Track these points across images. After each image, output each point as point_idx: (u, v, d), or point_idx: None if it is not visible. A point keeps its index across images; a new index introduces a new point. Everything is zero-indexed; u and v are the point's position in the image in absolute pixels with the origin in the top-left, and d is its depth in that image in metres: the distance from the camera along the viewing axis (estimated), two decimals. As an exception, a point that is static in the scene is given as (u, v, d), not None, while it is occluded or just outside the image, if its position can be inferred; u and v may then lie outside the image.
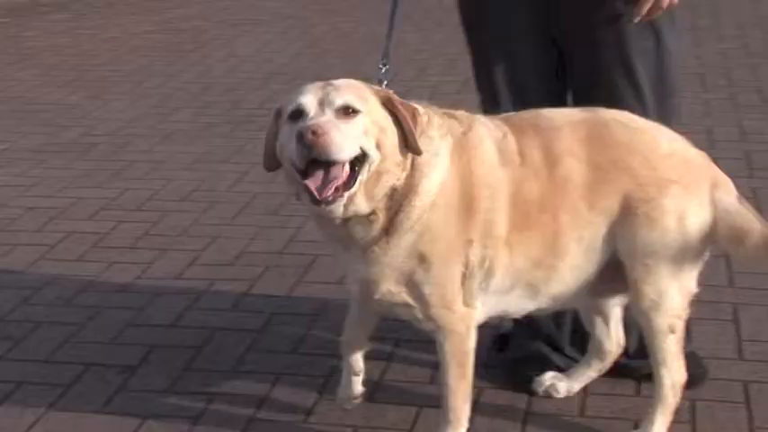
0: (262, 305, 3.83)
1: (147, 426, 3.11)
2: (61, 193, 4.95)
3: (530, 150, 2.76)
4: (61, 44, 7.90)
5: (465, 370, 2.81)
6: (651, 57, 3.08)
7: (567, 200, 2.75)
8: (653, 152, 2.79)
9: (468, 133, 2.74)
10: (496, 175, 2.71)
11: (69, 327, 3.69)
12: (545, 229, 2.75)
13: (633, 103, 3.07)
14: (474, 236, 2.69)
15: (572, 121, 2.81)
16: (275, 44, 7.73)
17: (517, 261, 2.76)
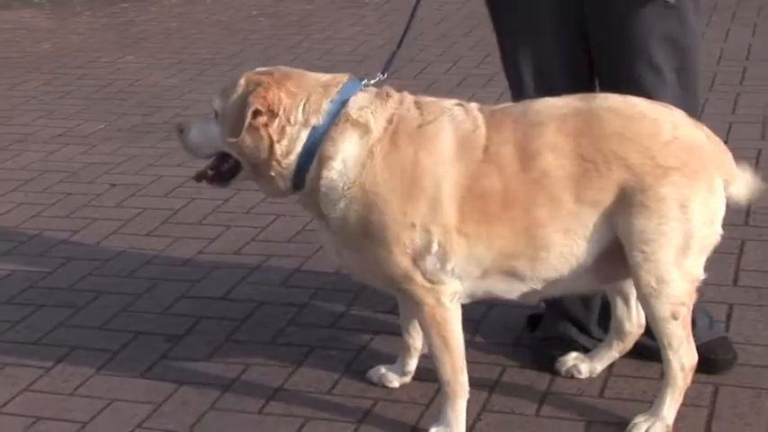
0: (309, 281, 3.97)
1: (181, 391, 3.29)
2: (144, 171, 5.19)
3: (499, 147, 2.79)
4: (171, 28, 8.19)
5: (446, 341, 2.89)
6: (673, 41, 3.08)
7: (545, 194, 2.77)
8: (651, 139, 2.79)
9: (424, 126, 2.81)
10: (445, 167, 2.77)
11: (127, 297, 3.90)
12: (514, 224, 2.79)
13: (657, 91, 3.08)
14: (416, 220, 2.77)
15: (560, 115, 2.83)
16: (375, 27, 7.85)
17: (479, 251, 2.81)
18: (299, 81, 2.86)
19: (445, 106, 2.87)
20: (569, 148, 2.78)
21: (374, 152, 2.79)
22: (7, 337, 3.66)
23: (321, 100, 2.82)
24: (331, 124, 2.80)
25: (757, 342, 3.43)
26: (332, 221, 2.86)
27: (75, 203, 4.82)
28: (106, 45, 7.77)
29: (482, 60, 6.83)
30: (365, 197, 2.79)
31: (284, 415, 3.14)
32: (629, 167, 2.76)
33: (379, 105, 2.83)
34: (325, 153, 2.81)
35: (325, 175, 2.81)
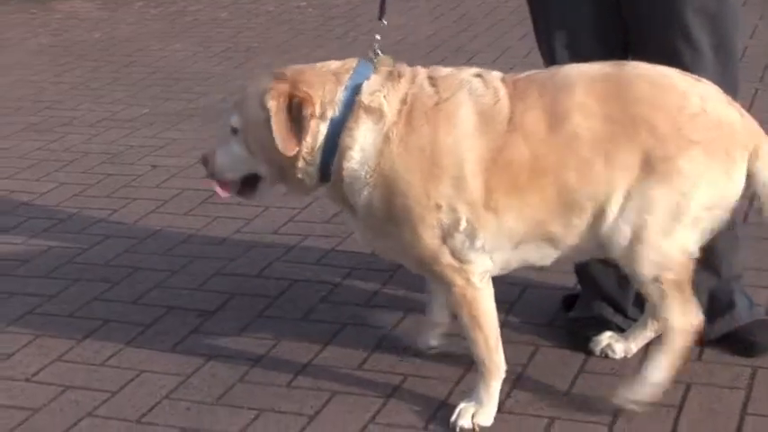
0: (344, 260, 3.94)
1: (210, 365, 3.28)
2: (186, 153, 5.19)
3: (524, 115, 2.74)
4: (220, 18, 8.21)
5: (478, 320, 2.84)
6: (710, 16, 3.01)
7: (575, 157, 2.72)
8: (679, 111, 2.72)
9: (441, 104, 2.75)
10: (467, 144, 2.72)
11: (162, 273, 3.91)
12: (545, 191, 2.74)
13: (693, 66, 3.01)
14: (441, 201, 2.73)
15: (589, 77, 2.78)
16: (423, 17, 7.81)
17: (510, 223, 2.76)
18: (312, 75, 2.82)
19: (463, 79, 2.81)
20: (598, 108, 2.73)
21: (390, 137, 2.74)
22: (43, 310, 3.68)
23: (335, 89, 2.78)
24: (347, 113, 2.77)
25: (800, 327, 3.34)
26: (358, 209, 2.84)
27: (116, 184, 4.84)
28: (156, 34, 7.81)
29: (531, 50, 6.70)
30: (386, 183, 2.75)
31: (312, 389, 3.12)
32: (655, 134, 2.70)
33: (390, 87, 2.78)
34: (344, 143, 2.78)
35: (347, 166, 2.78)
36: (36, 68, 6.97)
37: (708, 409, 2.94)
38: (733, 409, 2.94)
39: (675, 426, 2.88)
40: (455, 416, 2.91)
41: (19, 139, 5.54)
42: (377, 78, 2.82)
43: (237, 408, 3.05)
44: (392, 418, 2.97)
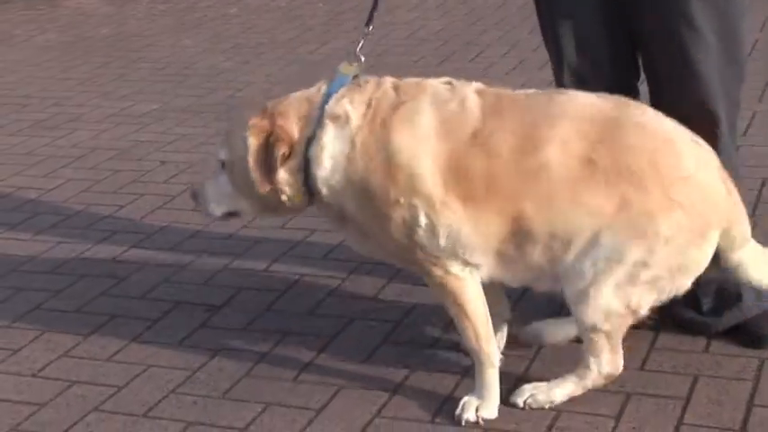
0: (351, 255, 3.87)
1: (217, 359, 3.28)
2: (195, 149, 5.19)
3: (494, 132, 2.73)
4: (230, 14, 8.21)
5: (464, 309, 2.84)
6: (716, 6, 2.99)
7: (537, 189, 2.70)
8: (670, 169, 2.69)
9: (399, 107, 2.76)
10: (423, 145, 2.73)
11: (169, 268, 3.91)
12: (500, 212, 2.73)
13: (695, 52, 3.00)
14: (400, 197, 2.74)
15: (586, 115, 2.74)
16: (433, 12, 7.80)
17: (465, 230, 2.75)
18: (288, 103, 2.86)
19: (426, 85, 2.82)
20: (581, 149, 2.69)
21: (355, 142, 2.77)
22: (49, 305, 3.69)
23: (309, 111, 2.82)
24: (317, 127, 2.80)
25: (808, 319, 3.32)
26: (347, 218, 2.87)
27: (124, 180, 4.84)
28: (164, 30, 7.82)
29: (540, 44, 6.68)
30: (354, 186, 2.78)
31: (318, 383, 3.11)
32: (639, 186, 2.66)
33: (355, 93, 2.80)
34: (313, 154, 2.80)
35: (320, 175, 2.81)
36: (44, 65, 6.98)
37: (715, 400, 2.93)
38: (740, 400, 2.93)
39: (682, 417, 2.87)
40: (459, 409, 2.90)
41: (26, 135, 5.55)
42: (342, 89, 2.84)
43: (244, 402, 3.04)
44: (398, 411, 2.96)
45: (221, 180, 2.96)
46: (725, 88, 3.03)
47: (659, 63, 3.08)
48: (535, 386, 2.92)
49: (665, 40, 3.01)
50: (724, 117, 3.05)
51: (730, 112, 3.08)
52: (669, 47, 3.02)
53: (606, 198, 2.68)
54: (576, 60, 3.16)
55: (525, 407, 2.91)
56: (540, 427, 2.86)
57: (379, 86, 2.84)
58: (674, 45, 3.00)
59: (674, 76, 3.02)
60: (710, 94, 3.02)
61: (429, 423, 2.91)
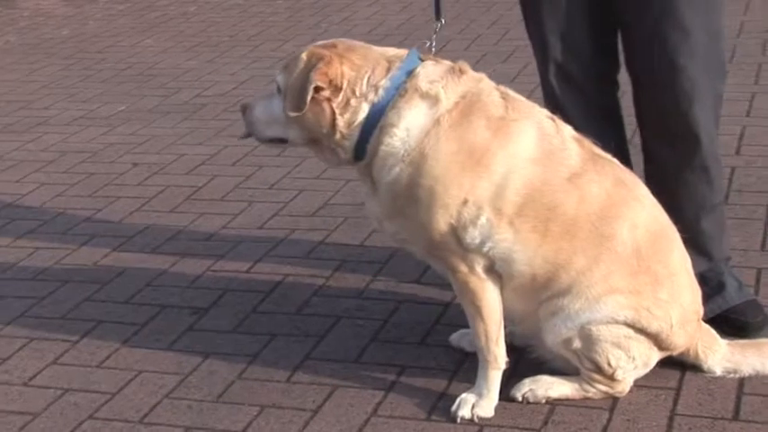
0: (334, 254, 3.95)
1: (208, 362, 3.28)
2: (166, 150, 5.18)
3: (594, 184, 2.82)
4: (189, 12, 8.17)
5: (480, 311, 2.87)
6: (702, 4, 3.04)
7: (599, 251, 2.80)
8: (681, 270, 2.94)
9: (508, 120, 2.79)
10: (520, 163, 2.77)
11: (152, 272, 3.90)
12: (558, 254, 2.80)
13: (679, 49, 3.05)
14: (470, 196, 2.76)
15: (651, 212, 2.91)
16: (392, 7, 7.81)
17: (518, 253, 2.80)
18: (364, 54, 2.84)
19: (534, 111, 2.87)
20: (639, 239, 2.83)
21: (441, 121, 2.77)
22: (33, 312, 3.66)
23: (384, 73, 2.79)
24: (395, 95, 2.78)
25: (787, 306, 3.40)
26: (382, 186, 2.84)
27: (98, 183, 4.82)
28: (124, 30, 7.77)
29: (501, 37, 6.80)
30: (423, 161, 2.77)
31: (312, 384, 3.13)
32: (655, 275, 2.85)
33: (451, 80, 2.80)
34: (388, 121, 2.79)
35: (387, 142, 2.79)
36: (7, 68, 6.91)
37: (705, 390, 2.98)
38: (729, 389, 2.98)
39: (675, 408, 2.92)
40: (455, 406, 2.93)
41: (-5, 139, 5.50)
42: (437, 68, 2.83)
43: (239, 405, 3.05)
44: (394, 410, 2.98)
45: (274, 103, 2.91)
46: (711, 87, 3.09)
47: (644, 63, 3.13)
48: (534, 380, 2.96)
49: (651, 41, 3.06)
50: (705, 123, 3.13)
51: (712, 117, 3.16)
52: (650, 42, 3.07)
53: (627, 283, 2.82)
54: (561, 57, 3.21)
55: (523, 401, 2.95)
56: (535, 421, 2.90)
57: (480, 81, 2.84)
58: (655, 42, 3.05)
59: (658, 77, 3.08)
60: (694, 98, 3.09)
61: (425, 420, 2.94)
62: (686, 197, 3.20)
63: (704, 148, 3.16)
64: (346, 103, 2.80)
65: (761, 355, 2.98)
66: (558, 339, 2.86)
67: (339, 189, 4.53)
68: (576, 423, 2.88)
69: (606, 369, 2.87)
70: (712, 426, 2.83)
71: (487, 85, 2.87)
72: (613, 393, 2.94)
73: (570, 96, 3.26)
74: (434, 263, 2.97)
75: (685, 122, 3.10)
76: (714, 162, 3.21)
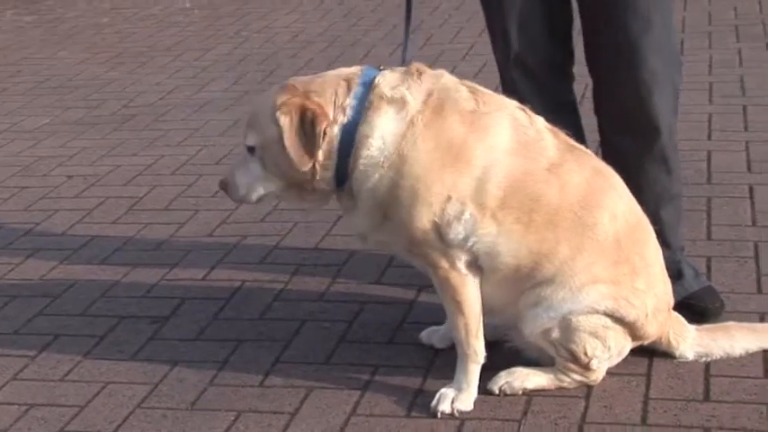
0: (289, 258, 3.93)
1: (176, 370, 3.23)
2: (99, 161, 5.09)
3: (574, 174, 2.86)
4: (102, 24, 8.04)
5: (461, 306, 2.89)
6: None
7: (579, 241, 2.84)
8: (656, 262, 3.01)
9: (479, 114, 2.82)
10: (499, 157, 2.80)
11: (104, 283, 3.83)
12: (543, 242, 2.83)
13: (642, 39, 3.12)
14: (453, 193, 2.78)
15: (629, 201, 2.97)
16: (311, 15, 7.80)
17: (502, 245, 2.83)
18: (321, 82, 2.85)
19: (505, 103, 2.90)
20: (619, 228, 2.89)
21: (414, 122, 2.78)
22: (-15, 329, 3.57)
23: (347, 93, 2.81)
24: (362, 110, 2.79)
25: (740, 291, 3.49)
26: (362, 196, 2.84)
27: (32, 196, 4.71)
28: (36, 42, 7.61)
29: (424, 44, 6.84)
30: (402, 163, 2.78)
31: (286, 386, 3.11)
32: (632, 265, 2.91)
33: (412, 82, 2.82)
34: (362, 135, 2.79)
35: (365, 154, 2.79)
36: None
37: (674, 374, 3.05)
38: (697, 372, 3.05)
39: (647, 393, 2.97)
40: (435, 401, 2.94)
41: None
42: (394, 74, 2.85)
43: (214, 411, 3.02)
44: (373, 408, 2.98)
45: (251, 166, 2.91)
46: (669, 78, 3.17)
47: (607, 55, 3.19)
48: (509, 372, 2.99)
49: (615, 33, 3.13)
50: (665, 113, 3.22)
51: (671, 108, 3.24)
52: (619, 39, 3.13)
53: (608, 273, 2.87)
54: (522, 49, 3.26)
55: (500, 393, 2.97)
56: (514, 412, 2.92)
57: (440, 78, 2.86)
58: (623, 38, 3.12)
59: (621, 69, 3.15)
60: (654, 89, 3.16)
61: (405, 417, 2.94)
62: (646, 187, 3.26)
63: (664, 138, 3.24)
64: None
65: (730, 338, 3.06)
66: (537, 330, 2.89)
67: (284, 194, 4.51)
68: (554, 412, 2.91)
69: (582, 359, 2.91)
70: (686, 407, 2.90)
71: (450, 80, 2.88)
72: (587, 382, 2.99)
73: (530, 88, 3.31)
74: (414, 260, 2.97)
75: (646, 113, 3.17)
76: (673, 152, 3.30)
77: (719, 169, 4.43)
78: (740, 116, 5.04)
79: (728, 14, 6.80)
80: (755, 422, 2.81)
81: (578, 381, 2.98)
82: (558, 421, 2.88)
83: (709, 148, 4.64)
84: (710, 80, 5.52)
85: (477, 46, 6.39)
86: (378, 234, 2.92)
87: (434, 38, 6.88)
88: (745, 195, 4.17)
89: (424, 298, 3.56)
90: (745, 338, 3.06)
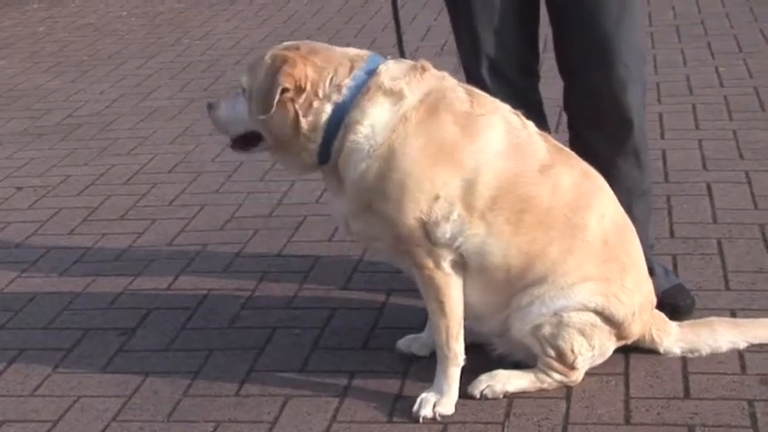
0: (253, 265, 3.88)
1: (149, 381, 3.17)
2: (49, 172, 4.99)
3: (564, 176, 2.88)
4: (39, 33, 7.89)
5: (443, 307, 2.88)
6: None
7: (569, 242, 2.85)
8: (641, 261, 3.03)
9: (474, 115, 2.82)
10: (490, 158, 2.80)
11: (66, 295, 3.75)
12: (533, 243, 2.83)
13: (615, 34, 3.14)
14: (442, 193, 2.77)
15: (615, 203, 2.99)
16: (252, 21, 7.74)
17: (490, 245, 2.82)
18: (327, 55, 2.84)
19: (499, 106, 2.90)
20: (607, 229, 2.90)
21: (408, 117, 2.78)
22: (-54, 346, 3.47)
23: (347, 73, 2.80)
24: (357, 95, 2.78)
25: (708, 288, 3.51)
26: (348, 183, 2.82)
27: (-18, 209, 4.61)
28: (-29, 53, 7.46)
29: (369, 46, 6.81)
30: (392, 156, 2.77)
31: (263, 395, 3.06)
32: (622, 271, 2.93)
33: (414, 77, 2.82)
34: (352, 119, 2.79)
35: (351, 138, 2.79)
36: None
37: (653, 373, 3.06)
38: (675, 370, 3.06)
39: (628, 392, 2.98)
40: (417, 406, 2.92)
41: None
42: (399, 67, 2.85)
43: (193, 422, 2.96)
44: (353, 415, 2.95)
45: (238, 103, 2.92)
46: (639, 73, 3.22)
47: (581, 50, 3.21)
48: (490, 376, 2.97)
49: (588, 29, 3.16)
50: (636, 108, 3.24)
51: (641, 103, 3.27)
52: (592, 35, 3.15)
53: (598, 271, 2.89)
54: (493, 52, 3.26)
55: (481, 397, 2.96)
56: (496, 415, 2.91)
57: (443, 79, 2.86)
58: (596, 33, 3.16)
59: (594, 64, 3.16)
60: (627, 84, 3.18)
61: (387, 423, 2.91)
62: (618, 184, 3.26)
63: (636, 133, 3.27)
64: (309, 105, 2.80)
65: (713, 332, 3.08)
66: (527, 326, 2.88)
67: (242, 202, 4.46)
68: (536, 414, 2.91)
69: (568, 356, 2.91)
70: (667, 405, 2.91)
71: (451, 82, 2.89)
72: (568, 382, 2.98)
73: (502, 90, 3.28)
74: (400, 259, 2.95)
75: (620, 108, 3.20)
76: (644, 147, 3.33)
77: (675, 168, 4.48)
78: (690, 114, 5.10)
79: (668, 15, 6.89)
80: (738, 418, 2.83)
81: (559, 381, 2.97)
82: (542, 423, 2.87)
83: (663, 147, 4.68)
84: (657, 80, 5.57)
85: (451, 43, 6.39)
86: (362, 224, 2.88)
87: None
88: (703, 193, 4.21)
89: (394, 301, 3.54)
90: (729, 333, 3.08)
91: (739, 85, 5.47)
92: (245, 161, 4.83)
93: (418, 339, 3.19)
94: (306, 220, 4.21)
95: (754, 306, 3.37)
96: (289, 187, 4.53)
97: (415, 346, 3.19)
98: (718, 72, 5.69)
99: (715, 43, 6.21)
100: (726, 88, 5.43)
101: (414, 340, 3.20)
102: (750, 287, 3.49)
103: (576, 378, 2.99)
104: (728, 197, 4.16)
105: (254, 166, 4.76)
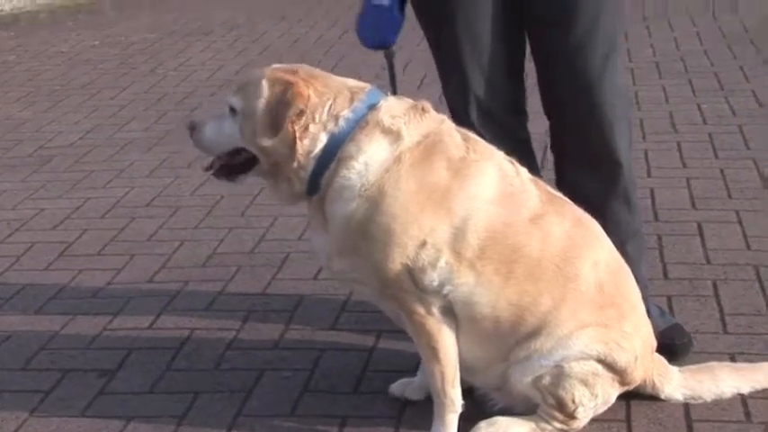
0: (237, 304, 3.77)
1: (132, 426, 3.05)
2: (22, 205, 4.85)
3: (555, 225, 2.79)
4: (9, 62, 7.75)
5: (437, 353, 2.79)
6: None
7: (561, 292, 2.77)
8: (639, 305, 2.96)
9: (469, 161, 2.75)
10: (481, 206, 2.73)
11: (43, 334, 3.61)
12: (523, 295, 2.75)
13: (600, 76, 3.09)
14: (429, 239, 2.69)
15: (610, 249, 2.92)
16: (227, 52, 7.64)
17: (478, 295, 2.74)
18: (326, 81, 2.77)
19: (495, 154, 2.83)
20: (601, 276, 2.83)
21: (402, 158, 2.70)
22: None
23: (346, 104, 2.72)
24: (355, 128, 2.70)
25: (705, 330, 3.44)
26: (335, 221, 2.73)
27: (-47, 243, 4.46)
28: (-62, 81, 7.30)
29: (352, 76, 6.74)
30: (381, 197, 2.69)
31: (253, 441, 2.95)
32: (619, 309, 2.85)
33: (413, 118, 2.75)
34: (346, 154, 2.70)
35: (344, 174, 2.70)
36: None
37: (655, 420, 2.98)
38: (678, 417, 2.98)
39: (630, 439, 2.90)
40: (414, 454, 2.82)
41: None
42: (399, 104, 2.77)
43: (180, 470, 2.85)
44: (348, 462, 2.85)
45: (226, 125, 2.82)
46: (625, 113, 3.19)
47: (567, 92, 3.15)
48: (489, 423, 2.87)
49: (574, 68, 3.09)
50: (624, 148, 3.20)
51: (628, 143, 3.22)
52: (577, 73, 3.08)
53: (595, 317, 2.81)
54: (483, 92, 3.19)
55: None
56: (495, 463, 2.82)
57: (442, 123, 2.79)
58: (581, 71, 3.08)
59: (582, 106, 3.12)
60: (615, 124, 3.14)
61: (383, 471, 2.81)
62: (611, 226, 3.18)
63: (625, 173, 3.23)
64: (306, 128, 2.71)
65: (714, 378, 3.00)
66: (528, 378, 2.79)
67: (223, 238, 4.34)
68: (537, 462, 2.81)
69: (569, 406, 2.82)
70: (672, 454, 2.83)
71: (448, 126, 2.83)
72: (569, 431, 2.89)
73: (491, 130, 3.21)
74: (387, 304, 2.85)
75: (609, 148, 3.16)
76: (633, 187, 3.29)
77: (664, 206, 4.42)
78: (675, 153, 5.05)
79: (647, 52, 6.87)
80: (746, 467, 2.75)
81: (560, 429, 2.88)
82: (543, 471, 2.78)
83: (651, 186, 4.62)
84: (641, 116, 5.53)
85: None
86: (346, 264, 2.79)
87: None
88: (694, 233, 4.15)
89: (384, 344, 3.44)
90: (731, 378, 3.01)
91: (722, 123, 5.44)
92: (226, 195, 4.73)
93: (411, 383, 3.09)
94: (289, 257, 4.10)
95: (753, 350, 3.30)
96: (271, 222, 4.42)
97: (408, 391, 3.09)
98: (701, 109, 5.66)
99: (696, 81, 6.19)
100: (709, 126, 5.40)
101: (407, 384, 3.10)
102: (748, 330, 3.42)
103: (578, 427, 2.89)
104: (720, 237, 4.10)
105: (235, 200, 4.65)
